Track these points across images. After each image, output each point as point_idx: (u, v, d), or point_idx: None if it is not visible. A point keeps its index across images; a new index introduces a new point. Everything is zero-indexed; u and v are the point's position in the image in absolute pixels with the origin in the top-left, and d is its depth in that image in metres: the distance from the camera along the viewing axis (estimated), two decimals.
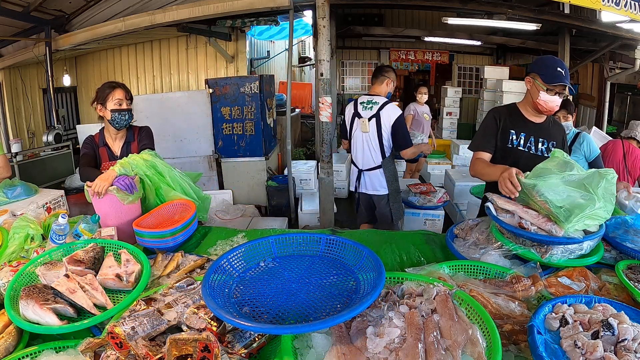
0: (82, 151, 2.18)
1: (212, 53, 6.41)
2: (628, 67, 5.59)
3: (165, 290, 1.15)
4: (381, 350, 0.87)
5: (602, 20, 4.38)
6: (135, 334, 0.94)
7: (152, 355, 0.90)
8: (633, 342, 0.88)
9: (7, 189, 2.19)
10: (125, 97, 2.11)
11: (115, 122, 2.10)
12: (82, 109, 7.22)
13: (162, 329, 0.98)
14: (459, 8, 5.41)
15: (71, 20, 5.49)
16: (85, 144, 2.19)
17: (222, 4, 4.47)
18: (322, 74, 3.55)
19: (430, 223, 3.85)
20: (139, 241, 1.62)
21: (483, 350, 0.85)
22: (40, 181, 3.96)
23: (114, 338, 0.94)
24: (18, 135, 5.93)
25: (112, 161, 2.11)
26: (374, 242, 1.65)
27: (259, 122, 4.51)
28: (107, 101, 2.08)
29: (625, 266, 1.28)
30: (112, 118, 2.09)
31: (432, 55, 9.91)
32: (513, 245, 1.38)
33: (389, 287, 1.11)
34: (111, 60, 6.89)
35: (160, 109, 4.49)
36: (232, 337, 0.97)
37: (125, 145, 2.20)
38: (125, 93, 2.12)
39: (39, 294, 1.15)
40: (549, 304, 1.04)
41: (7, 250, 1.51)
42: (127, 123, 2.14)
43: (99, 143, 2.19)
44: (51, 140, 4.98)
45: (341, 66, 10.22)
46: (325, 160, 3.64)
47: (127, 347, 0.93)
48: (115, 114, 2.08)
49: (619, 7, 3.46)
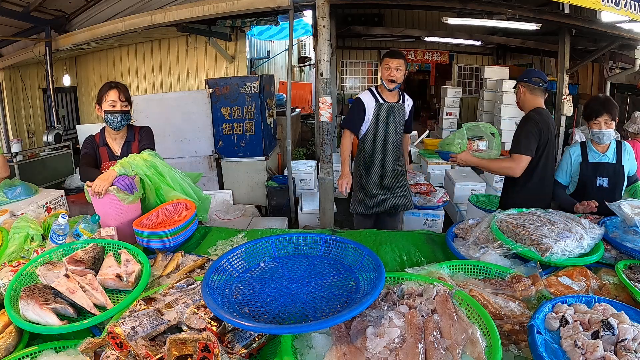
0: (82, 151, 2.17)
1: (212, 53, 6.41)
2: (628, 67, 5.58)
3: (165, 290, 1.15)
4: (381, 350, 0.87)
5: (602, 20, 4.38)
6: (135, 334, 0.94)
7: (152, 355, 0.90)
8: (633, 342, 0.88)
9: (7, 189, 2.19)
10: (119, 99, 2.09)
11: (109, 123, 2.10)
12: (82, 109, 7.23)
13: (162, 329, 0.98)
14: (459, 8, 5.41)
15: (71, 20, 5.49)
16: (85, 144, 2.19)
17: (222, 4, 4.47)
18: (322, 74, 3.56)
19: (430, 223, 3.85)
20: (139, 241, 1.62)
21: (483, 350, 0.85)
22: (40, 181, 3.96)
23: (114, 338, 0.94)
24: (18, 135, 5.93)
25: (112, 161, 2.11)
26: (374, 242, 1.66)
27: (259, 122, 4.51)
28: (103, 102, 2.09)
29: (625, 266, 1.28)
30: (105, 119, 2.10)
31: (432, 55, 9.91)
32: (513, 244, 1.38)
33: (389, 287, 1.11)
34: (111, 60, 6.90)
35: (160, 109, 4.49)
36: (232, 337, 0.97)
37: (126, 145, 2.20)
38: (119, 94, 2.10)
39: (39, 294, 1.15)
40: (549, 303, 1.04)
41: (7, 250, 1.51)
42: (121, 125, 2.12)
43: (99, 143, 2.19)
44: (51, 140, 4.98)
45: (341, 66, 10.22)
46: (325, 160, 3.64)
47: (127, 347, 0.93)
48: (108, 115, 2.08)
49: (618, 7, 3.46)
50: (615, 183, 2.16)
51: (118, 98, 2.09)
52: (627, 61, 5.80)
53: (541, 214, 1.57)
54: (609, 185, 2.15)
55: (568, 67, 5.76)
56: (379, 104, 2.59)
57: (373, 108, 2.59)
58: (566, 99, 5.80)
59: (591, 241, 1.39)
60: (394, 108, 2.62)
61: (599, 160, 2.17)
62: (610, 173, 2.15)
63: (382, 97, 2.61)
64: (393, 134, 2.65)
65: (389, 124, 2.62)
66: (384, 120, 2.61)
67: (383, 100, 2.60)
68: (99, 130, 2.24)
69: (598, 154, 2.18)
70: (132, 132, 2.25)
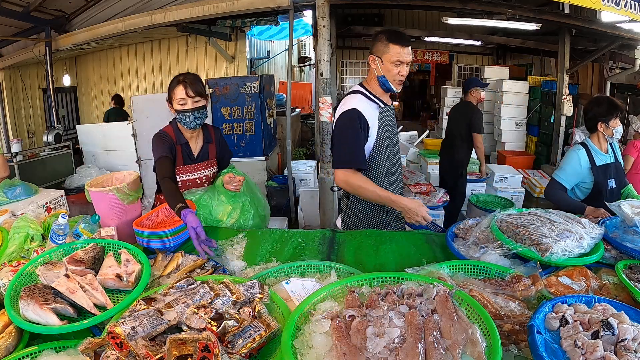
0: (158, 152, 1.87)
1: (212, 53, 6.41)
2: (628, 67, 5.59)
3: (166, 290, 1.15)
4: (381, 350, 0.87)
5: (602, 20, 4.39)
6: (135, 333, 0.93)
7: (152, 355, 0.90)
8: (633, 342, 0.88)
9: (7, 189, 2.19)
10: (187, 94, 1.85)
11: (183, 124, 1.91)
12: (82, 109, 7.23)
13: (162, 329, 0.98)
14: (459, 8, 5.42)
15: (71, 20, 5.49)
16: (160, 143, 1.89)
17: (222, 4, 4.47)
18: (322, 74, 3.56)
19: None
20: (139, 241, 1.61)
21: (483, 350, 0.85)
22: (40, 181, 3.95)
23: (114, 338, 0.93)
24: (18, 135, 5.93)
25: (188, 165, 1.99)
26: (374, 242, 1.65)
27: (259, 122, 4.51)
28: (173, 100, 1.90)
29: (625, 266, 1.28)
30: (178, 119, 1.91)
31: (432, 55, 9.92)
32: (513, 244, 1.38)
33: (389, 287, 1.10)
34: (111, 60, 6.91)
35: (161, 109, 4.46)
36: (233, 337, 0.97)
37: (204, 146, 2.06)
38: (187, 89, 1.86)
39: (39, 294, 1.15)
40: (549, 303, 1.04)
41: (7, 250, 1.51)
42: (196, 124, 1.91)
43: (175, 140, 1.96)
44: (51, 140, 4.98)
45: (341, 66, 10.23)
46: (325, 160, 3.64)
47: (127, 347, 0.92)
48: (179, 115, 1.88)
49: (619, 7, 3.46)
50: (621, 181, 2.15)
51: (186, 94, 1.86)
52: (627, 61, 5.80)
53: (541, 213, 1.57)
54: (616, 186, 2.13)
55: (568, 67, 5.76)
56: (382, 110, 1.80)
57: (377, 119, 1.77)
58: (566, 99, 5.81)
59: (591, 241, 1.39)
60: (392, 113, 1.91)
61: (604, 162, 2.13)
62: (615, 173, 2.13)
63: (380, 100, 1.81)
64: (398, 150, 1.93)
65: (393, 137, 1.87)
66: (390, 132, 1.83)
67: (383, 103, 1.82)
68: (169, 124, 2.01)
69: (603, 155, 2.14)
70: (207, 131, 2.07)
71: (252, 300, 1.09)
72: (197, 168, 2.08)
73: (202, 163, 2.10)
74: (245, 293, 1.10)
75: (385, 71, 1.73)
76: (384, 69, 1.73)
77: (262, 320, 1.02)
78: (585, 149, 2.14)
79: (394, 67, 1.71)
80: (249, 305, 1.07)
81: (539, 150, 6.69)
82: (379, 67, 1.74)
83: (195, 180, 2.08)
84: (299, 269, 1.38)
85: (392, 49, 1.69)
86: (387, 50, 1.71)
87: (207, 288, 1.09)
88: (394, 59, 1.70)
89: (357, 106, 1.72)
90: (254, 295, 1.10)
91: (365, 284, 1.14)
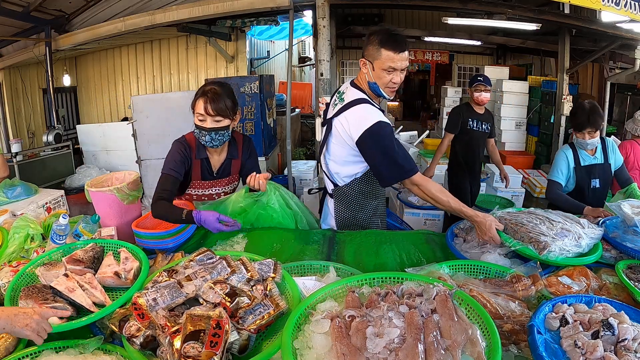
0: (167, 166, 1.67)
1: (212, 53, 6.42)
2: (628, 67, 5.58)
3: (187, 263, 1.20)
4: (381, 350, 0.87)
5: (602, 20, 4.38)
6: (156, 304, 1.00)
7: (169, 326, 0.96)
8: (633, 342, 0.88)
9: (7, 189, 2.19)
10: (206, 112, 1.59)
11: (201, 140, 1.68)
12: (82, 109, 7.23)
13: (181, 301, 1.04)
14: (459, 8, 5.41)
15: (71, 20, 5.49)
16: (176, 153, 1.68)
17: (222, 4, 4.47)
18: (322, 74, 3.56)
19: (430, 223, 3.85)
20: (138, 242, 1.61)
21: (483, 350, 0.85)
22: (40, 181, 3.96)
23: (137, 309, 1.00)
24: (18, 135, 5.93)
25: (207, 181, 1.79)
26: (374, 242, 1.65)
27: (259, 122, 4.51)
28: (194, 111, 1.67)
29: (625, 266, 1.28)
30: (195, 134, 1.68)
31: (432, 55, 9.91)
32: (511, 241, 1.39)
33: (389, 287, 1.10)
34: (111, 60, 6.91)
35: (160, 109, 4.49)
36: (244, 312, 1.02)
37: (226, 162, 1.83)
38: (206, 105, 1.59)
39: (38, 294, 1.15)
40: (549, 303, 1.04)
41: (7, 250, 1.51)
42: (212, 145, 1.68)
43: (195, 154, 1.73)
44: (51, 140, 4.99)
45: (341, 66, 10.21)
46: None
47: (148, 317, 0.99)
48: (197, 130, 1.66)
49: (619, 7, 3.46)
50: (606, 182, 2.30)
51: (205, 111, 1.60)
52: (627, 61, 5.80)
53: (540, 212, 1.57)
54: (600, 186, 2.27)
55: (568, 67, 5.76)
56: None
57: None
58: (566, 99, 5.80)
59: (590, 241, 1.39)
60: None
61: (589, 163, 2.27)
62: (601, 174, 2.27)
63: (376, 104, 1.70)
64: None
65: None
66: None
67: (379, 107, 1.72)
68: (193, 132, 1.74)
69: (589, 156, 2.28)
70: (235, 145, 1.83)
71: (265, 279, 1.14)
72: (215, 184, 1.90)
73: (222, 180, 1.90)
74: (260, 272, 1.15)
75: (377, 77, 1.57)
76: (375, 75, 1.57)
77: (272, 299, 1.08)
78: (572, 149, 2.29)
79: (385, 74, 1.55)
80: (262, 284, 1.12)
81: (539, 150, 6.69)
82: (370, 73, 1.58)
83: (212, 195, 1.91)
84: (299, 269, 1.39)
85: (385, 54, 1.52)
86: (379, 55, 1.53)
87: (224, 264, 1.15)
88: (386, 65, 1.53)
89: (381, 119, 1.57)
90: (267, 274, 1.15)
91: (365, 284, 1.14)
